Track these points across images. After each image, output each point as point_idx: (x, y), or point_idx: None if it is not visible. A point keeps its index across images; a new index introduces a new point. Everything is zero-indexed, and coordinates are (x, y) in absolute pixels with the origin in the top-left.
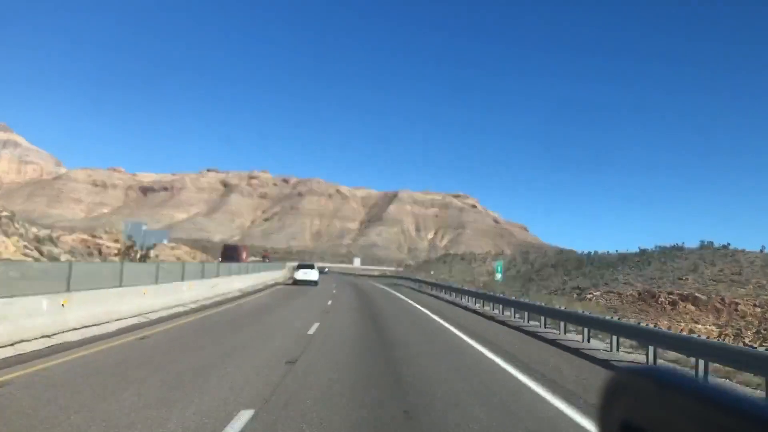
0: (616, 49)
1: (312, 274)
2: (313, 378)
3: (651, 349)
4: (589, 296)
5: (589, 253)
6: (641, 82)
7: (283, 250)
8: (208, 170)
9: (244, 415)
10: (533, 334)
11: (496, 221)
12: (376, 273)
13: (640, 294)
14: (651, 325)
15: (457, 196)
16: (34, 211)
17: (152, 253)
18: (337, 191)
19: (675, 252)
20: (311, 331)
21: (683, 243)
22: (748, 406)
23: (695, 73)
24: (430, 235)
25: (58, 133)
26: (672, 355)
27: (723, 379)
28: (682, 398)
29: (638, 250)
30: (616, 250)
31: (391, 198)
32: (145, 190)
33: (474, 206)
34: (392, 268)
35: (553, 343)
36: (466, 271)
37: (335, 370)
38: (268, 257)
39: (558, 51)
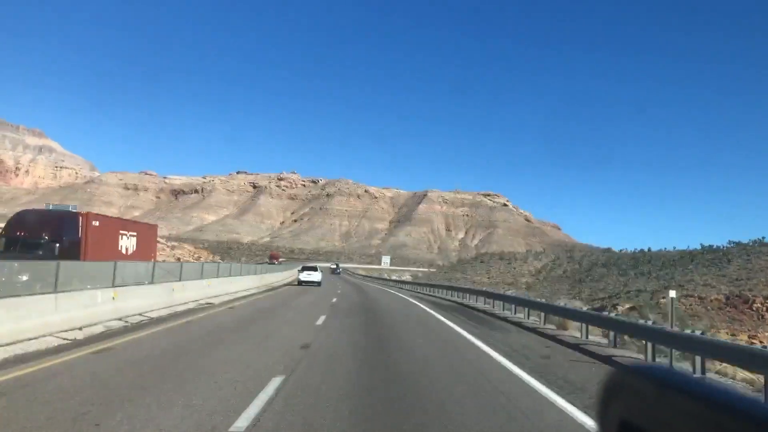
0: (651, 48)
1: (315, 276)
2: None
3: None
4: (663, 300)
5: (642, 250)
6: (682, 81)
7: (310, 251)
8: (238, 172)
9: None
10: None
11: (527, 220)
12: (406, 276)
13: (728, 298)
14: None
15: (487, 195)
16: None
17: None
18: (366, 191)
19: (760, 248)
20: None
21: (763, 237)
22: (748, 406)
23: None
24: (461, 235)
25: (92, 138)
26: None
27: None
28: (681, 397)
29: (702, 247)
30: (674, 247)
31: (421, 198)
32: (176, 193)
33: (505, 205)
34: (423, 269)
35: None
36: (506, 271)
37: None
38: (277, 258)
39: (590, 50)
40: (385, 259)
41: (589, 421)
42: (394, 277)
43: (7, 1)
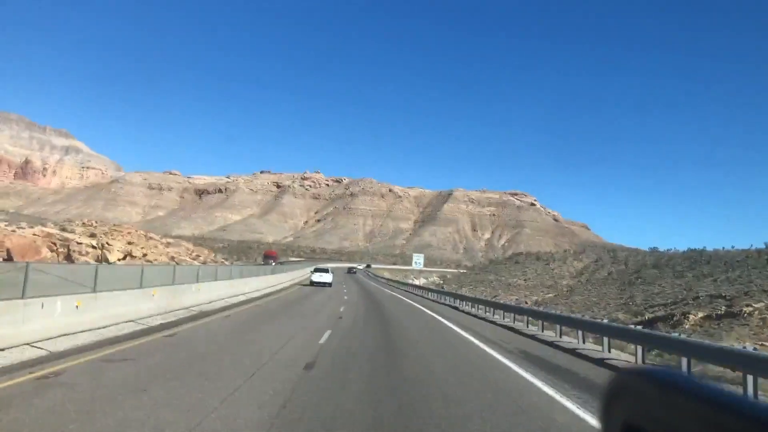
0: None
1: (326, 277)
2: None
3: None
4: (747, 309)
5: (696, 250)
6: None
7: (333, 251)
8: (262, 172)
9: None
10: None
11: (555, 220)
12: (433, 278)
13: None
14: None
15: (514, 194)
16: (91, 214)
17: (137, 250)
18: (390, 191)
19: None
20: None
21: None
22: (750, 408)
23: None
24: (487, 235)
25: (118, 138)
26: None
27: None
28: (683, 399)
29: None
30: (732, 247)
31: (446, 197)
32: (200, 193)
33: (533, 204)
34: (451, 270)
35: None
36: (543, 273)
37: None
38: (274, 257)
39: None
40: (418, 259)
41: None
42: (416, 282)
43: (34, 5)
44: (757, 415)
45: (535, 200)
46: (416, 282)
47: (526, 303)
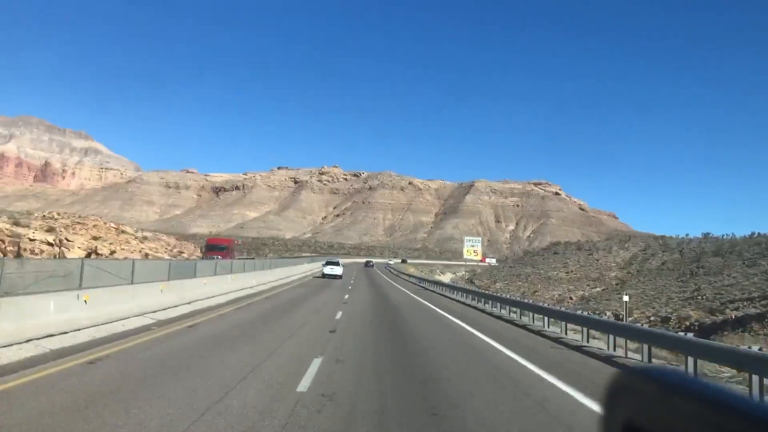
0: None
1: (336, 270)
2: None
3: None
4: None
5: (761, 234)
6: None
7: (352, 246)
8: (279, 168)
9: None
10: None
11: (581, 209)
12: (462, 272)
13: None
14: None
15: (538, 184)
16: (108, 214)
17: (104, 246)
18: (410, 183)
19: None
20: None
21: None
22: (753, 409)
23: None
24: (511, 226)
25: (136, 138)
26: None
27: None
28: (685, 399)
29: None
30: None
31: (467, 188)
32: (217, 190)
33: (557, 193)
34: (494, 259)
35: None
36: (587, 264)
37: None
38: (224, 248)
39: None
40: (473, 243)
41: None
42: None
43: (51, 10)
44: (760, 416)
45: (559, 189)
46: (441, 278)
47: (571, 299)
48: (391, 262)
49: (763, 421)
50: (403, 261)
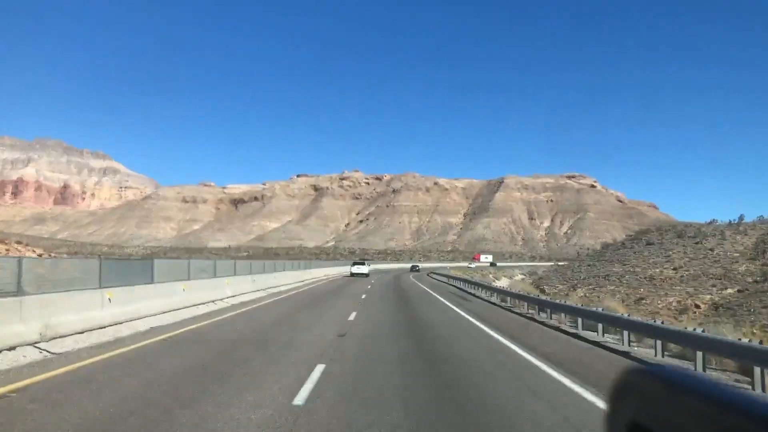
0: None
1: (363, 269)
2: None
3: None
4: None
5: None
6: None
7: (376, 252)
8: (298, 176)
9: None
10: None
11: (619, 201)
12: (517, 275)
13: None
14: None
15: (572, 177)
16: (124, 233)
17: None
18: (435, 184)
19: None
20: None
21: None
22: (759, 407)
23: None
24: (546, 223)
25: (154, 156)
26: None
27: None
28: (691, 398)
29: None
30: None
31: (497, 186)
32: (236, 202)
33: (593, 186)
34: (543, 264)
35: None
36: (697, 255)
37: None
38: None
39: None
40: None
41: None
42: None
43: (60, 33)
44: (766, 414)
45: (595, 181)
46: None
47: (698, 308)
48: (472, 266)
49: None
50: (492, 264)
